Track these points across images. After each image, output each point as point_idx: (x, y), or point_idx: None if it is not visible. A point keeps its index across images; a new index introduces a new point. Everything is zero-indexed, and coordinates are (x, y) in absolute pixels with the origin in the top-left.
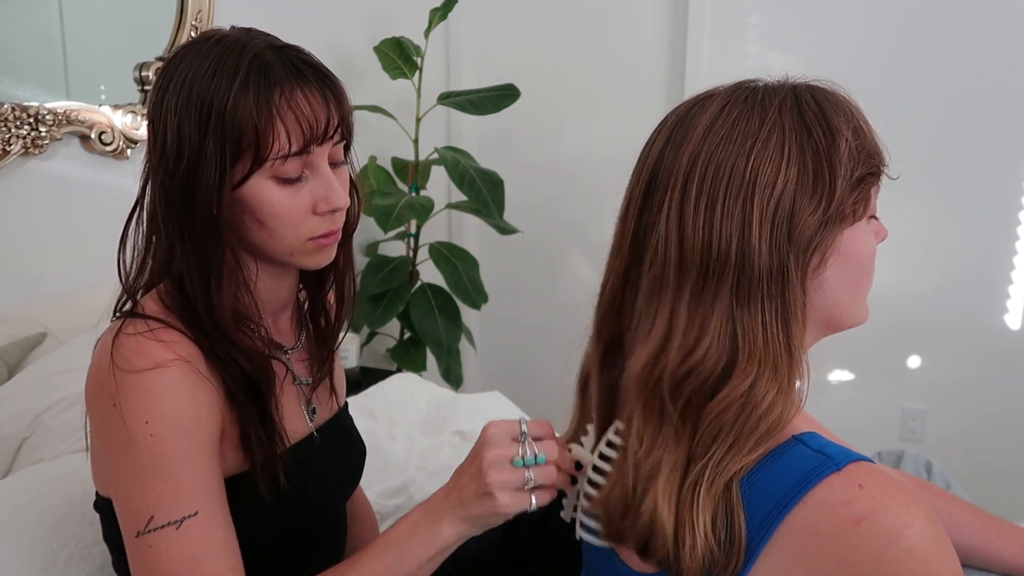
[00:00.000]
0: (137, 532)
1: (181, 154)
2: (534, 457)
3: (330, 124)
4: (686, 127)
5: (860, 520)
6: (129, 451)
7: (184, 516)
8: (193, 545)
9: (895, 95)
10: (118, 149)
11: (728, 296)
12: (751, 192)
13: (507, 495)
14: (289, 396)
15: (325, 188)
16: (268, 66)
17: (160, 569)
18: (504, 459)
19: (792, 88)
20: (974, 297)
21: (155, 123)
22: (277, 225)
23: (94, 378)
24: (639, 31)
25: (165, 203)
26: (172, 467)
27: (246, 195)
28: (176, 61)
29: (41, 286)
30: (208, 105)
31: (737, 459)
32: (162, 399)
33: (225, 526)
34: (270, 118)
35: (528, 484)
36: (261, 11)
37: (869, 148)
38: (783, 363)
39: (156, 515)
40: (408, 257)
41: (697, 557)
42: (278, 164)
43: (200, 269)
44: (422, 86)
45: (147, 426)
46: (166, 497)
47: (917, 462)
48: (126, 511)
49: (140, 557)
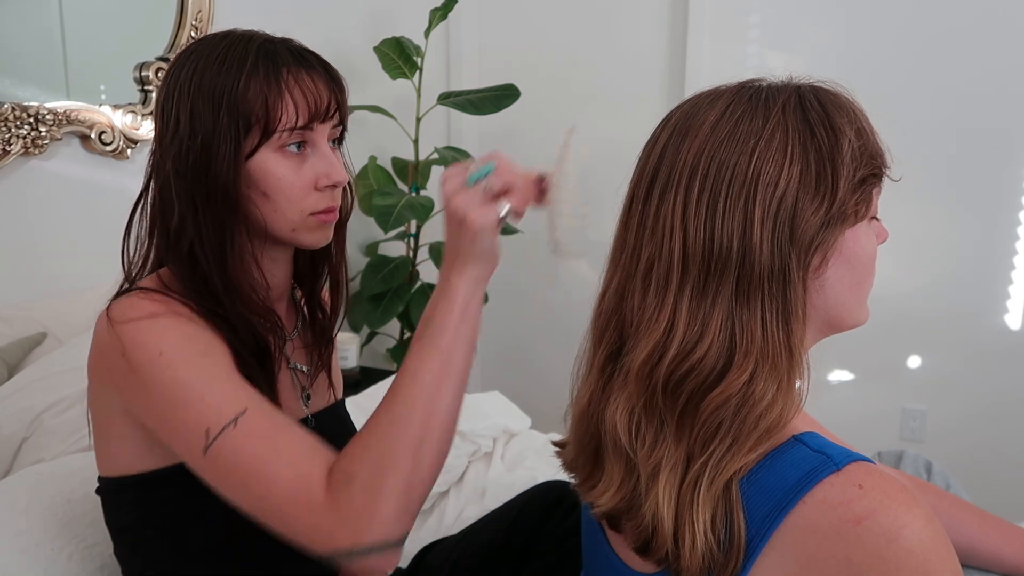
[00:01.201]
0: (203, 449)
1: (195, 133)
2: (484, 169)
3: (331, 104)
4: (689, 125)
5: (860, 520)
6: (156, 388)
7: (236, 415)
8: (257, 431)
9: (895, 95)
10: (118, 149)
11: (729, 295)
12: (753, 191)
13: (473, 211)
14: (284, 380)
15: (326, 164)
16: (275, 51)
17: (241, 465)
18: (459, 184)
19: (796, 88)
20: (974, 297)
21: (166, 110)
22: (281, 199)
23: (95, 348)
24: (639, 31)
25: (179, 183)
26: (202, 382)
27: (254, 169)
28: (185, 55)
29: (41, 286)
30: (220, 87)
31: (737, 458)
32: (167, 333)
33: (277, 412)
34: (279, 93)
35: (489, 192)
36: (261, 11)
37: (872, 149)
38: (782, 361)
39: (210, 426)
40: (408, 257)
41: (697, 556)
42: (284, 136)
43: (214, 240)
44: (422, 86)
45: (162, 357)
46: (210, 408)
47: (917, 462)
48: (183, 442)
49: (219, 471)
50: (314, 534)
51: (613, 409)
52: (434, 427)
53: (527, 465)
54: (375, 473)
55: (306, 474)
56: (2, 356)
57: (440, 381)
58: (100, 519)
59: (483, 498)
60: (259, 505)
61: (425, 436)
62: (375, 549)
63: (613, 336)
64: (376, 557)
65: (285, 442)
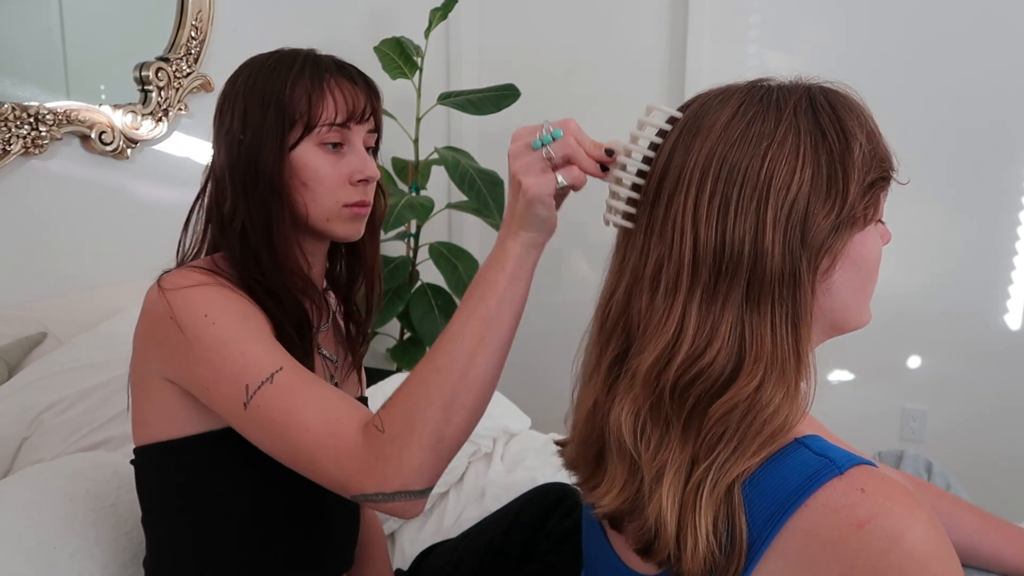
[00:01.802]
0: (243, 404)
1: (246, 129)
2: (551, 136)
3: (367, 108)
4: (699, 125)
5: (862, 523)
6: (201, 346)
7: (272, 372)
8: (292, 387)
9: (895, 95)
10: (118, 149)
11: (739, 299)
12: (766, 194)
13: (531, 177)
14: (316, 365)
15: (360, 161)
16: (320, 61)
17: (277, 418)
18: (524, 147)
19: (807, 89)
20: (974, 297)
21: (223, 112)
22: (318, 188)
23: (145, 314)
24: (639, 31)
25: (233, 173)
26: (243, 341)
27: (296, 160)
28: (242, 67)
29: (41, 286)
30: (270, 89)
31: (740, 462)
32: (213, 297)
33: (311, 374)
34: (321, 92)
35: (550, 160)
36: (261, 11)
37: (881, 153)
38: (791, 366)
39: (249, 382)
40: (408, 257)
41: (699, 559)
42: (323, 132)
43: (261, 222)
44: (422, 86)
45: (207, 318)
46: (250, 365)
47: (917, 462)
48: (223, 399)
49: (259, 424)
50: (341, 477)
51: (618, 411)
52: (470, 383)
53: (527, 465)
54: (406, 421)
55: (335, 421)
56: (2, 356)
57: (483, 337)
58: (101, 518)
59: (483, 499)
60: (294, 455)
61: (460, 390)
62: (399, 495)
63: (620, 338)
64: (401, 503)
65: (317, 395)
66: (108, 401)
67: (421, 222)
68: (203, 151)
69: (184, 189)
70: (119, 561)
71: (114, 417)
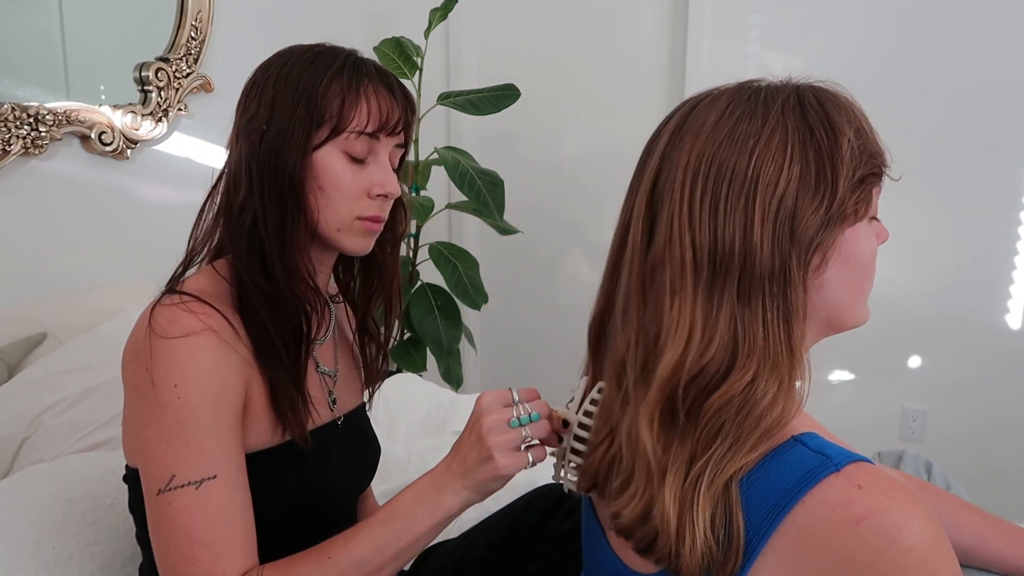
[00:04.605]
0: (159, 490)
1: (272, 119)
2: (528, 416)
3: (400, 121)
4: (689, 126)
5: (859, 520)
6: (157, 412)
7: (204, 478)
8: (210, 506)
9: (895, 95)
10: (118, 149)
11: (732, 295)
12: (753, 191)
13: (506, 456)
14: (313, 383)
15: (383, 175)
16: (362, 62)
17: (177, 525)
18: (501, 422)
19: (795, 88)
20: (974, 297)
21: (250, 96)
22: (335, 195)
23: (131, 344)
24: (639, 31)
25: (251, 163)
26: (196, 430)
27: (317, 162)
28: (279, 53)
29: (41, 286)
30: (306, 81)
31: (737, 458)
32: (191, 366)
33: (242, 492)
34: (356, 96)
35: (525, 442)
36: (261, 11)
37: (871, 148)
38: (784, 361)
39: (177, 474)
40: (408, 257)
41: (696, 556)
42: (351, 139)
43: (275, 219)
44: (422, 86)
45: (176, 389)
46: (188, 458)
47: (917, 462)
48: (149, 470)
49: (159, 513)
50: None
51: (633, 417)
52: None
53: None
54: None
55: (219, 557)
56: (2, 356)
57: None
58: (100, 518)
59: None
60: (165, 565)
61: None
62: None
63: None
64: None
65: (223, 531)
66: (108, 402)
67: (421, 222)
68: (203, 151)
69: (184, 189)
70: (118, 561)
71: (114, 417)
